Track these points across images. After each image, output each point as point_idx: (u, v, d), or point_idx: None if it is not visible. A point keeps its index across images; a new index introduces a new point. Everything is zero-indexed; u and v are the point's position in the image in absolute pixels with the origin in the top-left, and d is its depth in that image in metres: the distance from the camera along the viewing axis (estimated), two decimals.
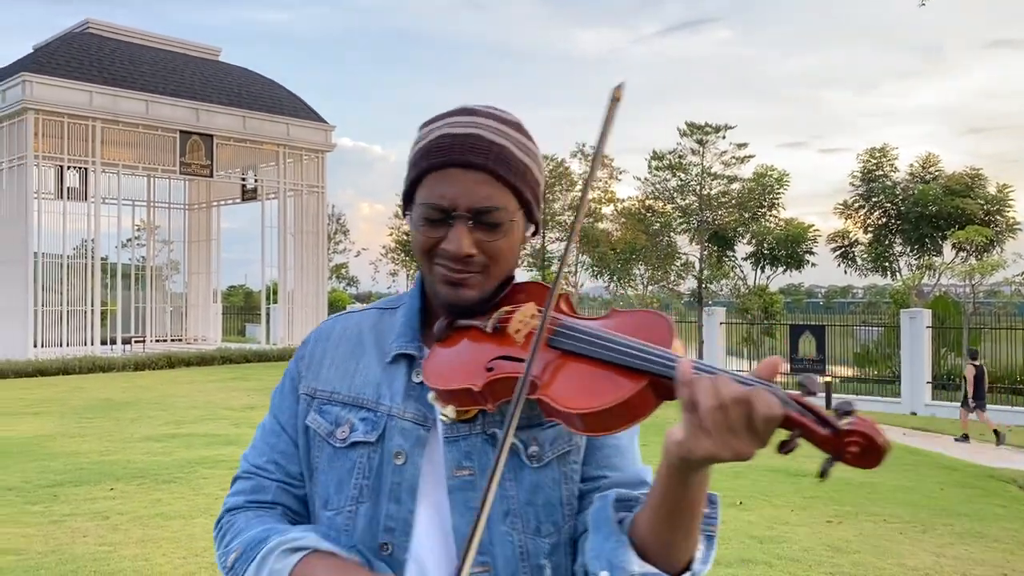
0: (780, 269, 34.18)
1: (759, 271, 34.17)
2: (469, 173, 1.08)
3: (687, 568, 1.00)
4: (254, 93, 23.96)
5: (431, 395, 1.10)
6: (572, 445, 1.13)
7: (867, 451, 0.83)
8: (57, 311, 20.35)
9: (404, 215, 1.20)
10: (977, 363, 13.71)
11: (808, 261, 33.90)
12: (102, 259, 21.65)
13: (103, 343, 21.12)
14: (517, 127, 1.14)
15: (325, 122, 25.16)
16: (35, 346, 19.23)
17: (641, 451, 1.20)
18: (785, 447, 0.85)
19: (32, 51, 22.89)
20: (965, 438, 12.72)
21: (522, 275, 1.26)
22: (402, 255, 40.41)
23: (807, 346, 19.77)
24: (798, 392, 0.88)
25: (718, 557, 5.70)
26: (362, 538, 1.10)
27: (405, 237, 39.59)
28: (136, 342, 23.23)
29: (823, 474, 0.85)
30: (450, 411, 1.09)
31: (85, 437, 9.72)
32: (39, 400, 13.24)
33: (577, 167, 34.01)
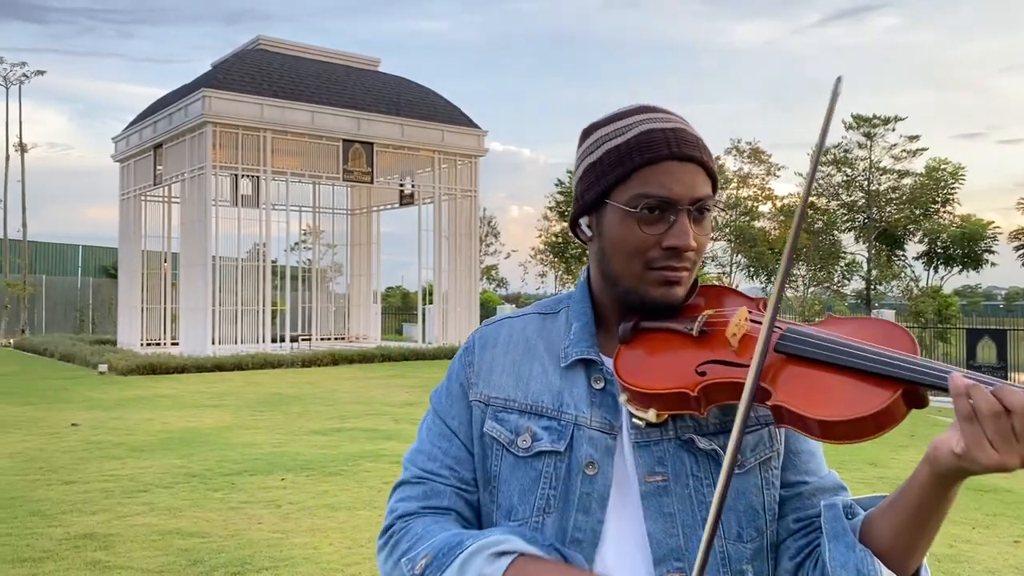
0: (955, 269, 31.91)
1: (932, 271, 32.02)
2: (686, 166, 1.09)
3: (917, 574, 1.01)
4: (411, 101, 24.71)
5: (623, 398, 1.09)
6: (773, 451, 1.13)
7: None
8: (232, 311, 21.73)
9: (577, 221, 1.18)
10: None
11: (987, 260, 31.48)
12: (272, 262, 22.91)
13: (273, 341, 22.37)
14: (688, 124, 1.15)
15: (478, 127, 25.62)
16: (213, 343, 20.59)
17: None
18: None
19: (211, 68, 24.57)
20: None
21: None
22: (551, 256, 40.60)
23: (986, 352, 18.35)
24: None
25: None
26: (547, 550, 1.07)
27: (555, 239, 39.76)
28: (303, 340, 24.50)
29: None
30: (651, 415, 1.06)
31: (258, 429, 10.30)
32: (218, 394, 14.17)
33: (732, 163, 33.05)
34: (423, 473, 1.16)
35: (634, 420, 1.08)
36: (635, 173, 1.09)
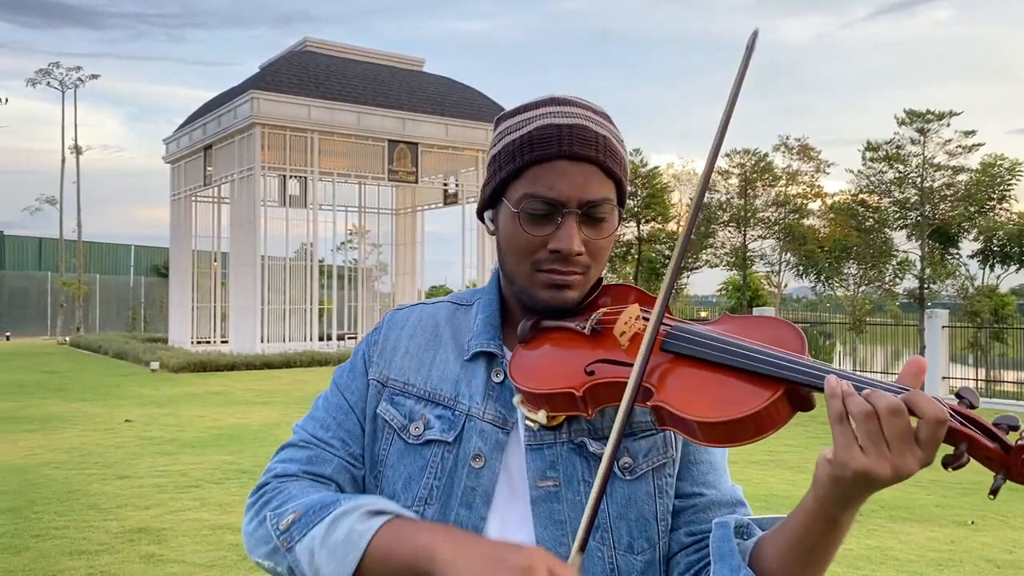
0: (1012, 268, 31.03)
1: (987, 270, 31.20)
2: (579, 166, 1.03)
3: None
4: (455, 101, 24.80)
5: (517, 398, 1.05)
6: (667, 457, 1.08)
7: None
8: (280, 309, 22.02)
9: (481, 214, 1.15)
10: None
11: None
12: (319, 261, 23.17)
13: (320, 339, 22.62)
14: (608, 118, 1.09)
15: None
16: (262, 341, 20.89)
17: None
18: (953, 462, 0.79)
19: (259, 70, 24.93)
20: None
21: (719, 275, 1.18)
22: None
23: None
24: (956, 403, 0.83)
25: None
26: None
27: None
28: (349, 338, 24.74)
29: (993, 492, 0.80)
30: (541, 416, 1.02)
31: None
32: (267, 391, 14.36)
33: (780, 161, 32.58)
34: (312, 439, 1.11)
35: (526, 422, 1.04)
36: (526, 171, 1.04)
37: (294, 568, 0.97)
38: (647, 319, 1.00)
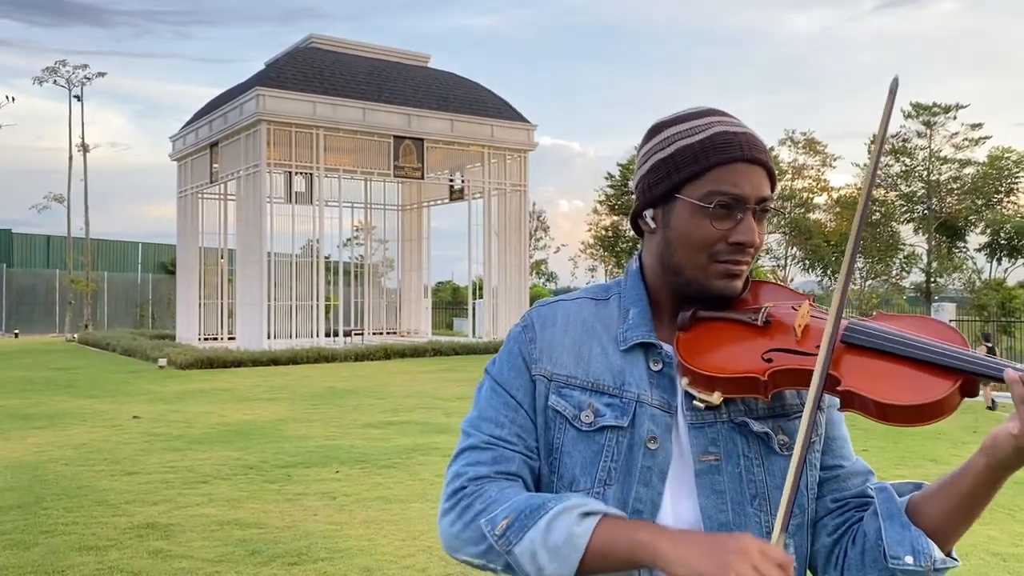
0: (1020, 261, 30.89)
1: (995, 263, 31.07)
2: (754, 168, 1.17)
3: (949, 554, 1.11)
4: (460, 97, 24.79)
5: (685, 380, 1.15)
6: (817, 436, 1.22)
7: None
8: (287, 305, 22.08)
9: (637, 215, 1.25)
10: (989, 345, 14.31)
11: None
12: (325, 258, 23.22)
13: (327, 335, 22.67)
14: None
15: (527, 122, 25.59)
16: (268, 337, 20.95)
17: None
18: None
19: (264, 67, 24.96)
20: None
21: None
22: (600, 251, 40.38)
23: None
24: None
25: (957, 574, 5.16)
26: None
27: (604, 232, 39.53)
28: (355, 334, 24.80)
29: None
30: (716, 397, 1.12)
31: (313, 422, 10.45)
32: (273, 387, 14.41)
33: (786, 155, 32.48)
34: (491, 439, 1.19)
35: (695, 402, 1.15)
36: (709, 171, 1.16)
37: (513, 566, 1.09)
38: (814, 316, 1.15)
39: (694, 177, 1.17)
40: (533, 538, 1.06)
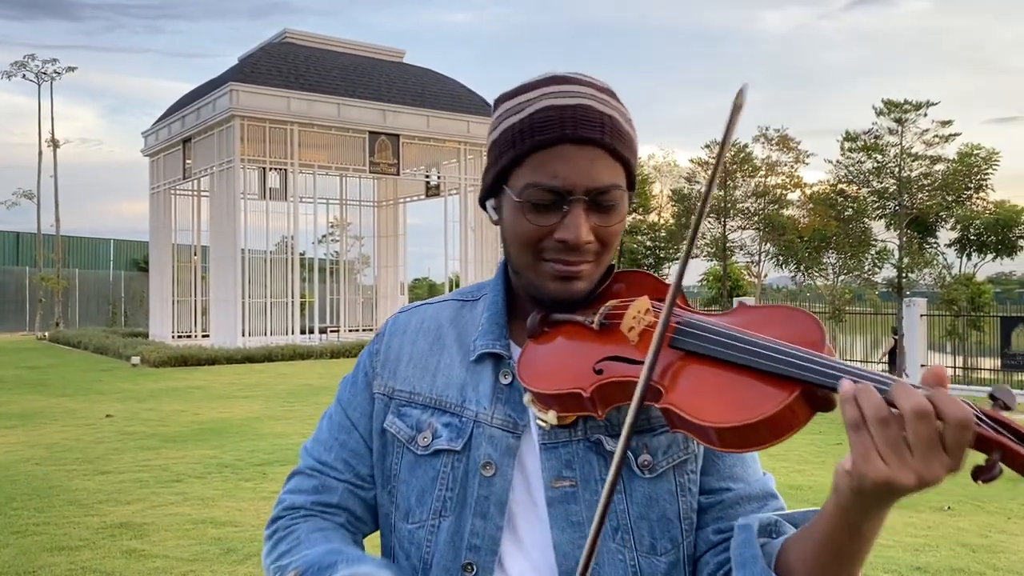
0: (989, 256, 31.40)
1: (965, 259, 31.54)
2: (584, 150, 0.95)
3: None
4: (437, 93, 24.72)
5: (527, 398, 1.00)
6: (689, 453, 1.02)
7: None
8: (262, 303, 21.93)
9: (484, 204, 1.07)
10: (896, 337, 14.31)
11: (1022, 247, 30.95)
12: (300, 254, 23.07)
13: (302, 332, 22.54)
14: (614, 95, 1.01)
15: None
16: (243, 335, 20.79)
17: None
18: (983, 474, 0.70)
19: (238, 62, 24.73)
20: None
21: (699, 266, 1.10)
22: None
23: (1021, 340, 18.09)
24: (989, 406, 0.74)
25: (927, 565, 5.24)
26: (444, 555, 1.00)
27: None
28: (331, 331, 24.67)
29: (979, 476, 0.71)
30: (551, 416, 0.96)
31: (288, 420, 10.39)
32: (248, 385, 14.32)
33: (760, 151, 32.74)
34: (318, 464, 1.10)
35: (537, 422, 0.99)
36: (527, 158, 0.97)
37: None
38: (658, 311, 0.94)
39: (515, 164, 0.98)
40: None
